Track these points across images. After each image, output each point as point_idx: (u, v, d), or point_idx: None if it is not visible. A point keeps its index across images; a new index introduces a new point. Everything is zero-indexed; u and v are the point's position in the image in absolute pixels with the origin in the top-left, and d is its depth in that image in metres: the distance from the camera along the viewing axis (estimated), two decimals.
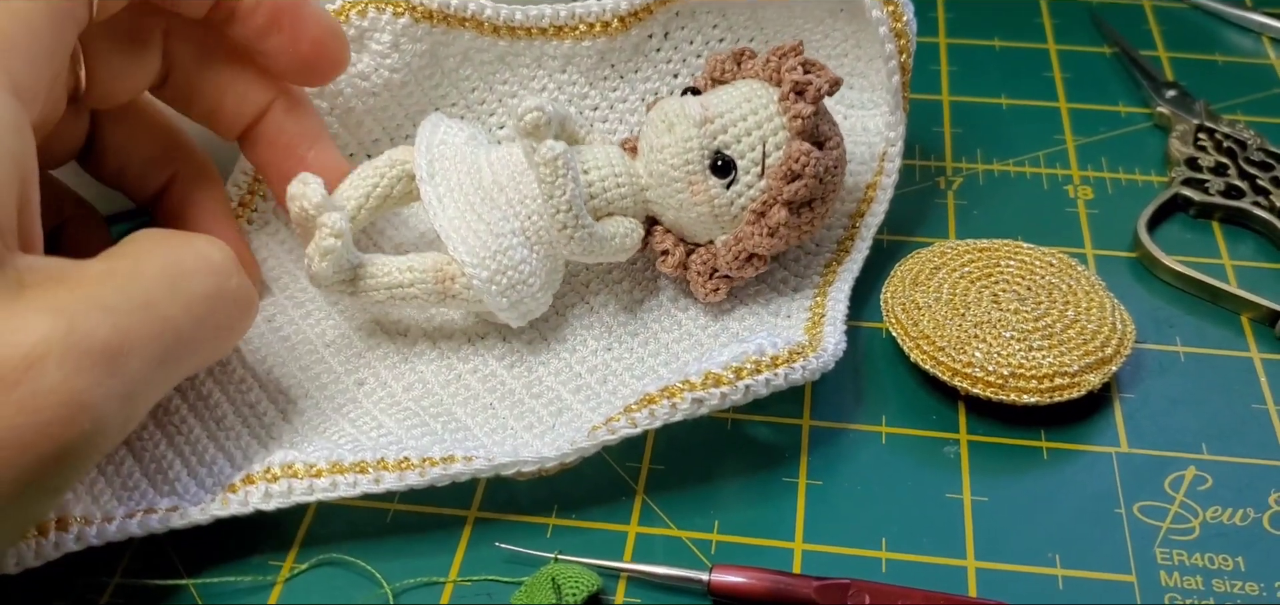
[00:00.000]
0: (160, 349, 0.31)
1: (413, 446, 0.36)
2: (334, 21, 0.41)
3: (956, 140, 0.53)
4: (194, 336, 0.32)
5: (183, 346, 0.32)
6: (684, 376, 0.36)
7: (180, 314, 0.31)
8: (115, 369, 0.29)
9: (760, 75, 0.41)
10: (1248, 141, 0.50)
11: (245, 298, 0.34)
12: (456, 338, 0.42)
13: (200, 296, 0.32)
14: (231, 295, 0.34)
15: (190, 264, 0.32)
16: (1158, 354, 0.42)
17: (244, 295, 0.34)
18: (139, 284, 0.31)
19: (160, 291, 0.31)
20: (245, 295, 0.34)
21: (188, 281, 0.32)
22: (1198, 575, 0.35)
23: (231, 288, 0.33)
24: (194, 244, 0.33)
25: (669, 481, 0.38)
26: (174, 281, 0.32)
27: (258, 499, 0.35)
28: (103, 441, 0.30)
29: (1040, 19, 0.61)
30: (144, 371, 0.30)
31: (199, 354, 0.33)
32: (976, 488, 0.38)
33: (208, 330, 0.33)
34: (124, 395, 0.30)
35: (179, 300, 0.31)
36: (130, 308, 0.30)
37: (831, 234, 0.45)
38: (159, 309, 0.31)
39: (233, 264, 0.34)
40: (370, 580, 0.35)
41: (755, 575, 0.34)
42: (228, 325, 0.34)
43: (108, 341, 0.29)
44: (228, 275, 0.33)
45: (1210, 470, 0.38)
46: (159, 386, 0.32)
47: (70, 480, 0.30)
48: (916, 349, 0.40)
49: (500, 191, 0.40)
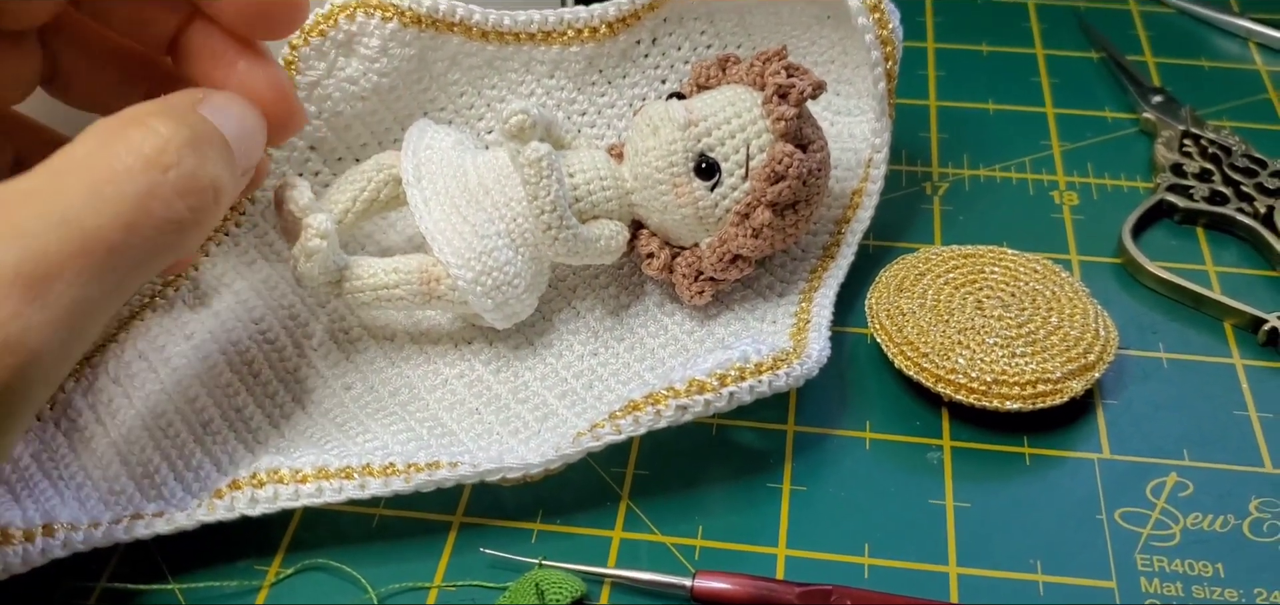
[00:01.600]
0: (92, 266, 0.28)
1: (398, 452, 0.36)
2: (282, 80, 0.37)
3: (943, 145, 0.53)
4: (130, 244, 0.29)
5: (119, 256, 0.28)
6: (669, 383, 0.36)
7: (108, 225, 0.28)
8: (38, 296, 0.27)
9: (744, 80, 0.42)
10: (1233, 147, 0.50)
11: (194, 184, 0.30)
12: (443, 342, 0.42)
13: (131, 199, 0.28)
14: (172, 188, 0.29)
15: (120, 163, 0.29)
16: (1141, 360, 0.42)
17: (191, 183, 0.30)
18: (58, 199, 0.28)
19: (81, 203, 0.28)
20: (193, 182, 0.30)
21: (116, 185, 0.28)
22: (1178, 581, 0.35)
23: (170, 181, 0.29)
24: (128, 135, 0.29)
25: (654, 487, 0.38)
26: (97, 189, 0.28)
27: (243, 504, 0.35)
28: (42, 373, 0.27)
29: (1028, 24, 0.61)
30: (75, 292, 0.27)
31: (148, 258, 0.30)
32: (959, 494, 0.38)
33: (149, 233, 0.29)
34: (56, 322, 0.27)
35: (105, 209, 0.28)
36: (45, 228, 0.27)
37: (817, 240, 0.45)
38: (81, 223, 0.28)
39: (174, 151, 0.29)
40: (355, 585, 0.35)
41: (739, 581, 0.34)
42: (175, 221, 0.30)
43: (20, 268, 0.26)
44: (164, 168, 0.29)
45: (1191, 476, 0.38)
46: (103, 303, 0.29)
47: (19, 419, 0.28)
48: (901, 355, 0.40)
49: (486, 194, 0.40)
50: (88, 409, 0.38)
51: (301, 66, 0.44)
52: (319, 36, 0.43)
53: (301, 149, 0.46)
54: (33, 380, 0.27)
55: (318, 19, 0.43)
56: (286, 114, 0.36)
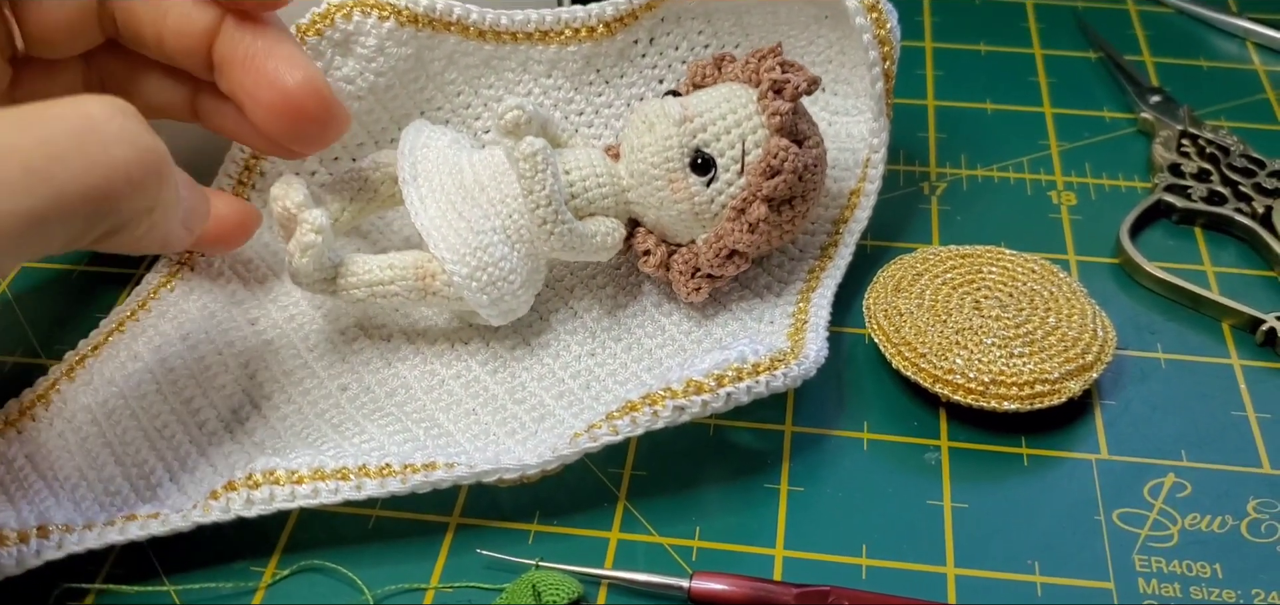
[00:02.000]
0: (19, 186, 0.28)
1: (394, 452, 0.36)
2: (310, 71, 0.38)
3: (940, 145, 0.53)
4: (51, 172, 0.28)
5: (37, 179, 0.28)
6: (666, 383, 0.36)
7: (29, 144, 0.28)
8: None
9: (740, 77, 0.42)
10: (1231, 147, 0.50)
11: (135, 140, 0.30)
12: (439, 342, 0.42)
13: (60, 130, 0.29)
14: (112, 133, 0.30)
15: (56, 108, 0.29)
16: (1139, 360, 0.42)
17: (133, 136, 0.30)
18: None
19: (3, 127, 0.28)
20: (135, 137, 0.30)
21: (44, 118, 0.29)
22: (1176, 582, 0.35)
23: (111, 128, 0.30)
24: (73, 98, 0.30)
25: (651, 488, 0.38)
26: (26, 119, 0.29)
27: (240, 505, 0.35)
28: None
29: (1026, 24, 0.61)
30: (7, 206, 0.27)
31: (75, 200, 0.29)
32: (957, 494, 0.38)
33: (75, 168, 0.29)
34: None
35: (28, 133, 0.28)
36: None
37: (814, 239, 0.45)
38: (9, 144, 0.28)
39: (119, 110, 0.30)
40: (352, 587, 0.35)
41: (736, 582, 0.34)
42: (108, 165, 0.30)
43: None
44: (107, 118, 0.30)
45: (1189, 477, 0.38)
46: (16, 229, 0.28)
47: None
48: (898, 355, 0.40)
49: (481, 190, 0.40)
50: (83, 411, 0.38)
51: None
52: (315, 35, 0.43)
53: None
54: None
55: (314, 18, 0.43)
56: (321, 107, 0.37)
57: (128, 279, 0.46)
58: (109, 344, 0.40)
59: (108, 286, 0.46)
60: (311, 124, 0.38)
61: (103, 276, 0.46)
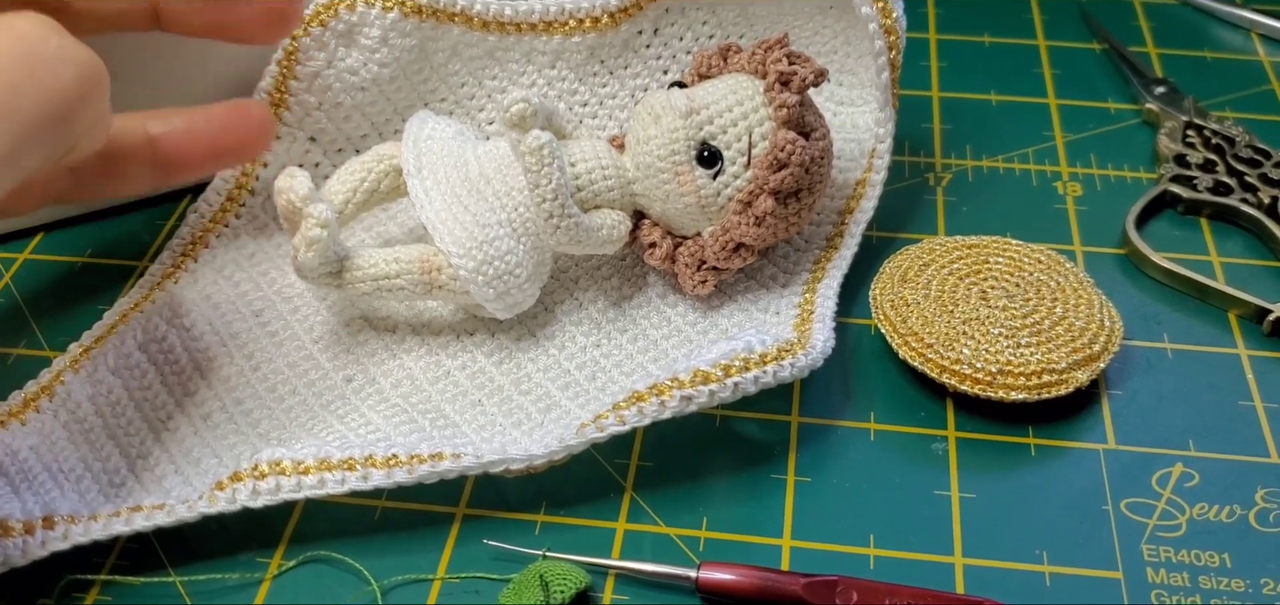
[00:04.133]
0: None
1: (401, 443, 0.36)
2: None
3: (946, 136, 0.53)
4: (18, 106, 0.29)
5: (6, 120, 0.29)
6: (673, 374, 0.36)
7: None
8: None
9: (746, 68, 0.41)
10: (1236, 138, 0.50)
11: (74, 57, 0.31)
12: (445, 334, 0.42)
13: (11, 63, 0.30)
14: (53, 56, 0.30)
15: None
16: (1145, 351, 0.42)
17: (70, 54, 0.31)
18: None
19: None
20: (73, 54, 0.31)
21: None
22: (1184, 572, 0.35)
23: (50, 50, 0.30)
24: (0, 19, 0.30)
25: (657, 478, 0.38)
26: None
27: (245, 496, 0.35)
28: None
29: (1030, 15, 0.61)
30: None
31: (40, 128, 0.30)
32: (964, 484, 0.38)
33: (34, 97, 0.30)
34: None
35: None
36: None
37: (820, 231, 0.45)
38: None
39: (48, 28, 0.30)
40: (358, 577, 0.35)
41: (743, 572, 0.34)
42: (60, 89, 0.30)
43: None
44: (43, 40, 0.30)
45: (1197, 467, 0.38)
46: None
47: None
48: (905, 346, 0.40)
49: (487, 183, 0.40)
50: (87, 401, 0.38)
51: (301, 57, 0.44)
52: (319, 27, 0.43)
53: (302, 140, 0.46)
54: None
55: (318, 9, 0.43)
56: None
57: (131, 271, 0.46)
58: (113, 335, 0.40)
59: (111, 278, 0.46)
60: (292, 22, 0.39)
61: (106, 268, 0.46)
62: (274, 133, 0.41)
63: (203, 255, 0.44)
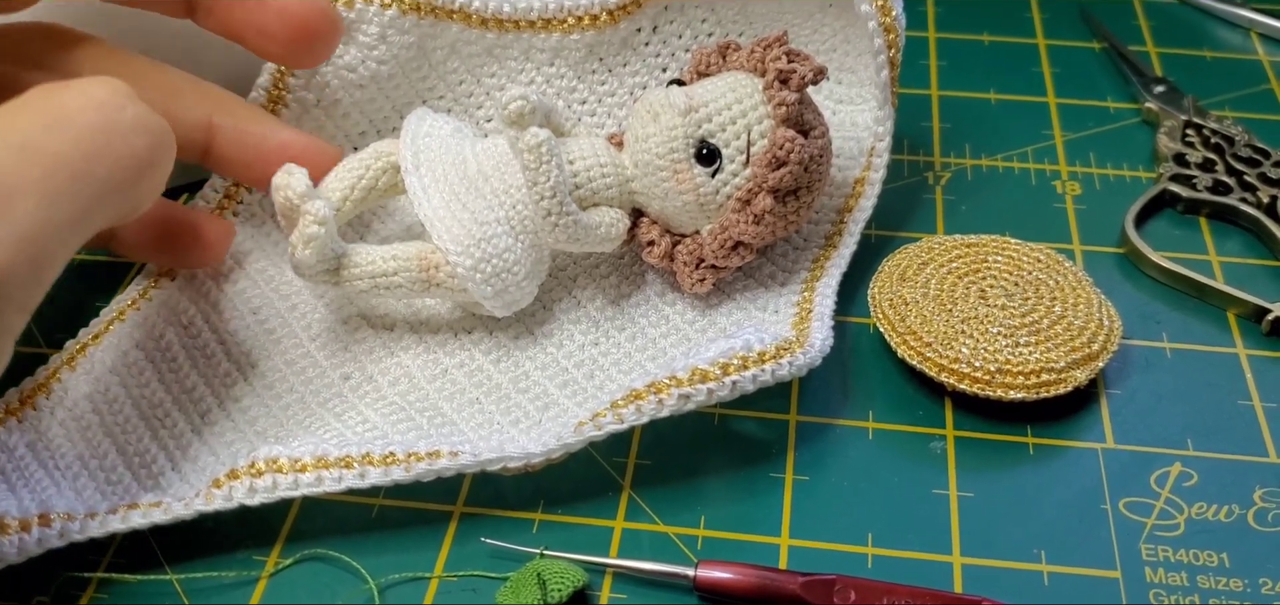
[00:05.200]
0: (53, 188, 0.30)
1: (398, 442, 0.36)
2: None
3: (945, 135, 0.53)
4: (92, 173, 0.31)
5: (82, 184, 0.30)
6: (671, 372, 0.36)
7: (68, 150, 0.30)
8: (1, 212, 0.28)
9: (745, 66, 0.41)
10: (1235, 137, 0.50)
11: (147, 125, 0.33)
12: (443, 332, 0.42)
13: (89, 131, 0.31)
14: (128, 125, 0.32)
15: (72, 104, 0.31)
16: (1144, 350, 0.42)
17: (144, 122, 0.32)
18: (13, 129, 0.30)
19: (39, 133, 0.30)
20: (146, 122, 0.33)
21: (71, 120, 0.31)
22: (1182, 571, 0.35)
23: (126, 119, 0.32)
24: (76, 85, 0.32)
25: (655, 477, 0.38)
26: (54, 122, 0.30)
27: (242, 493, 0.35)
28: (13, 293, 0.29)
29: (1029, 14, 0.61)
30: (40, 214, 0.29)
31: (109, 192, 0.32)
32: (963, 483, 0.38)
33: (108, 165, 0.31)
34: (21, 239, 0.29)
35: (64, 138, 0.30)
36: (4, 151, 0.29)
37: (819, 229, 0.45)
38: (42, 150, 0.30)
39: (124, 96, 0.32)
40: (355, 576, 0.35)
41: (741, 571, 0.34)
42: (133, 156, 0.32)
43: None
44: (119, 108, 0.32)
45: (1196, 466, 0.38)
46: (68, 229, 0.31)
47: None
48: (903, 344, 0.40)
49: (485, 181, 0.40)
50: (84, 399, 0.38)
51: None
52: None
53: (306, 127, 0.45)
54: (4, 297, 0.29)
55: None
56: (329, 25, 0.40)
57: (128, 268, 0.46)
58: (110, 332, 0.40)
59: (108, 275, 0.46)
60: (322, 43, 0.41)
61: (103, 266, 0.46)
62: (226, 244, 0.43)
63: None
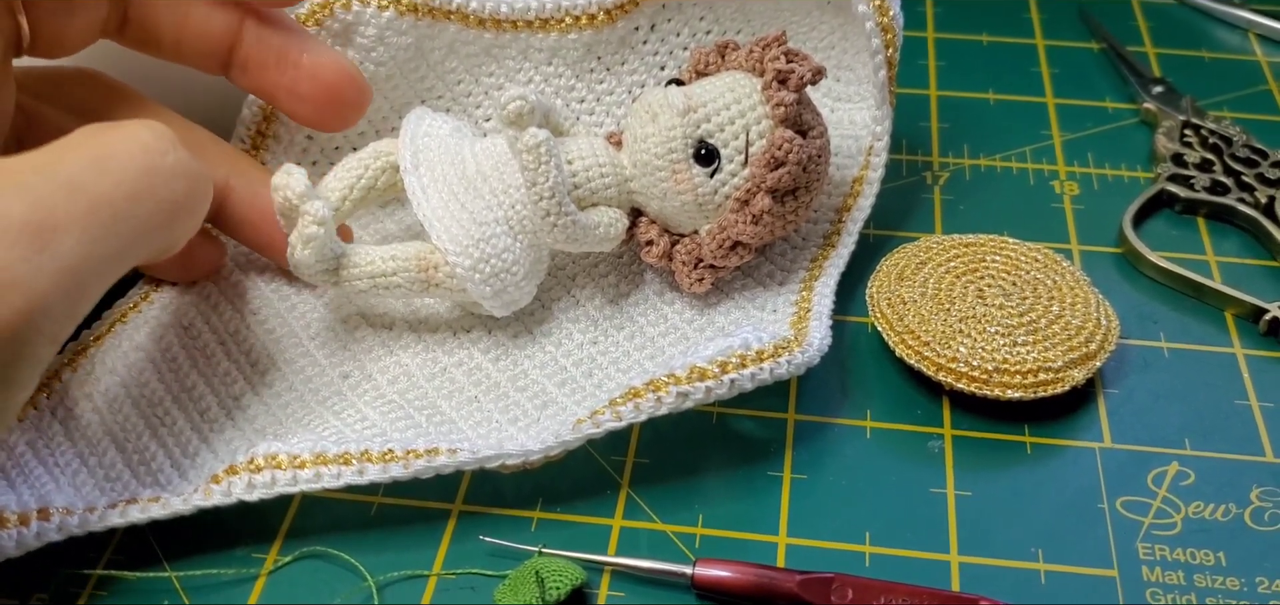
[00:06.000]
0: (95, 226, 0.30)
1: (397, 439, 0.36)
2: (342, 60, 0.41)
3: (943, 135, 0.53)
4: (134, 213, 0.32)
5: (123, 224, 0.31)
6: (669, 370, 0.36)
7: (111, 190, 0.31)
8: (44, 246, 0.29)
9: (743, 66, 0.41)
10: (1233, 138, 0.50)
11: (187, 170, 0.34)
12: (441, 330, 0.42)
13: (132, 173, 0.32)
14: (170, 170, 0.33)
15: (118, 145, 0.32)
16: (1142, 350, 0.42)
17: (185, 168, 0.33)
18: (61, 166, 0.30)
19: (85, 171, 0.31)
20: (186, 168, 0.33)
21: (117, 161, 0.31)
22: (1179, 570, 0.35)
23: (168, 164, 0.33)
24: (121, 127, 0.33)
25: (654, 475, 0.38)
26: (100, 162, 0.31)
27: (241, 489, 0.35)
28: (46, 326, 0.29)
29: (1028, 14, 0.61)
30: (81, 249, 0.30)
31: (147, 232, 0.33)
32: (960, 482, 0.38)
33: (149, 207, 0.32)
34: (61, 272, 0.29)
35: (108, 178, 0.31)
36: (53, 187, 0.30)
37: (817, 228, 0.45)
38: (87, 188, 0.30)
39: (168, 141, 0.33)
40: (354, 573, 0.35)
41: (739, 569, 0.34)
42: (172, 200, 0.33)
43: (28, 218, 0.29)
44: (162, 152, 0.33)
45: (1193, 466, 0.38)
46: (106, 267, 0.31)
47: (24, 372, 0.30)
48: (902, 344, 0.40)
49: (484, 181, 0.40)
50: (84, 397, 0.38)
51: None
52: (315, 25, 0.43)
53: (298, 138, 0.46)
54: (39, 330, 0.29)
55: (314, 8, 0.43)
56: (357, 93, 0.42)
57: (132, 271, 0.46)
58: (111, 334, 0.40)
59: None
60: (350, 110, 0.42)
61: None
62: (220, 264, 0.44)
63: None
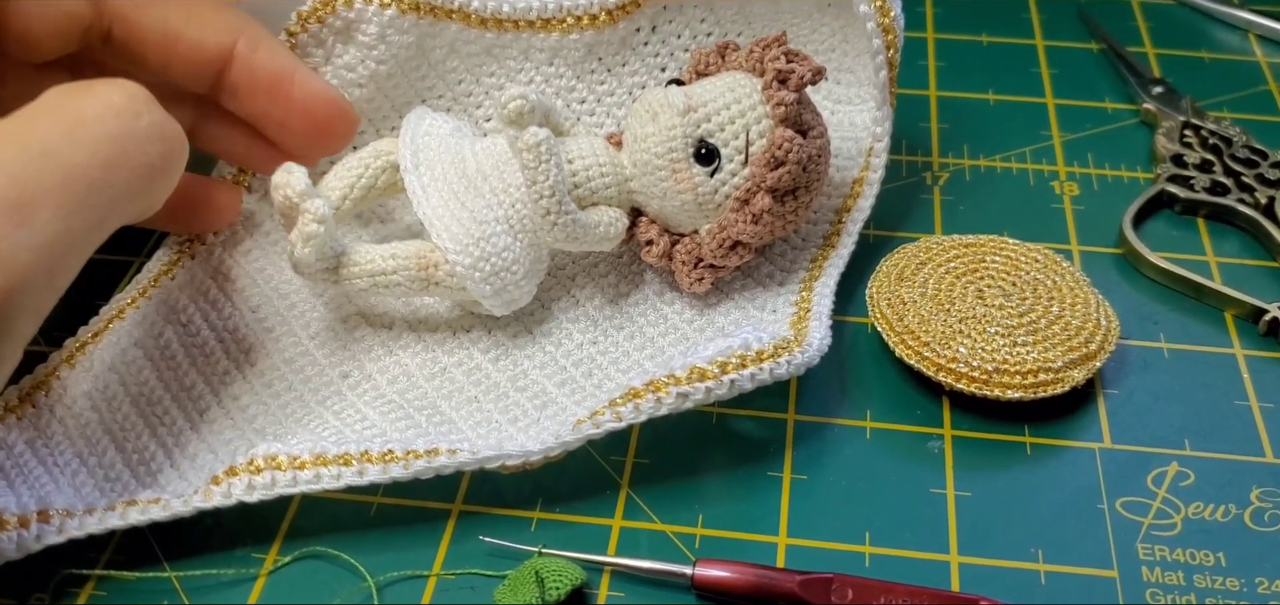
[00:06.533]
0: (71, 198, 0.30)
1: (396, 439, 0.36)
2: (333, 92, 0.42)
3: (943, 135, 0.53)
4: (109, 182, 0.31)
5: (99, 193, 0.31)
6: (669, 371, 0.36)
7: (86, 160, 0.30)
8: (22, 221, 0.29)
9: (744, 66, 0.41)
10: (1233, 138, 0.50)
11: (162, 132, 0.33)
12: (441, 330, 0.42)
13: (106, 140, 0.31)
14: (144, 133, 0.32)
15: (90, 110, 0.31)
16: (1141, 350, 0.42)
17: (160, 130, 0.33)
18: (33, 136, 0.30)
19: (58, 140, 0.30)
20: (161, 129, 0.33)
21: (88, 128, 0.31)
22: (1179, 571, 0.35)
23: (142, 127, 0.32)
24: (93, 89, 0.32)
25: (653, 475, 0.38)
26: (72, 130, 0.31)
27: (241, 490, 0.35)
28: (27, 301, 0.29)
29: (1028, 15, 0.61)
30: (58, 222, 0.29)
31: (124, 199, 0.32)
32: (960, 483, 0.38)
33: (124, 174, 0.32)
34: (40, 247, 0.29)
35: (82, 148, 0.30)
36: (26, 160, 0.29)
37: (817, 229, 0.45)
38: (60, 157, 0.30)
39: (142, 102, 0.32)
40: (354, 573, 0.35)
41: (739, 569, 0.34)
42: (148, 164, 0.32)
43: (5, 194, 0.28)
44: (135, 116, 0.32)
45: (1193, 466, 0.38)
46: (84, 237, 0.31)
47: (6, 347, 0.30)
48: (901, 344, 0.40)
49: (484, 180, 0.40)
50: (83, 397, 0.38)
51: (299, 54, 0.43)
52: (317, 23, 0.43)
53: None
54: (21, 306, 0.29)
55: (315, 5, 0.43)
56: (347, 126, 0.42)
57: (128, 266, 0.46)
58: (109, 330, 0.40)
59: (108, 273, 0.46)
60: (338, 141, 0.42)
61: (103, 263, 0.46)
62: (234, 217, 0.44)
63: (199, 252, 0.44)
